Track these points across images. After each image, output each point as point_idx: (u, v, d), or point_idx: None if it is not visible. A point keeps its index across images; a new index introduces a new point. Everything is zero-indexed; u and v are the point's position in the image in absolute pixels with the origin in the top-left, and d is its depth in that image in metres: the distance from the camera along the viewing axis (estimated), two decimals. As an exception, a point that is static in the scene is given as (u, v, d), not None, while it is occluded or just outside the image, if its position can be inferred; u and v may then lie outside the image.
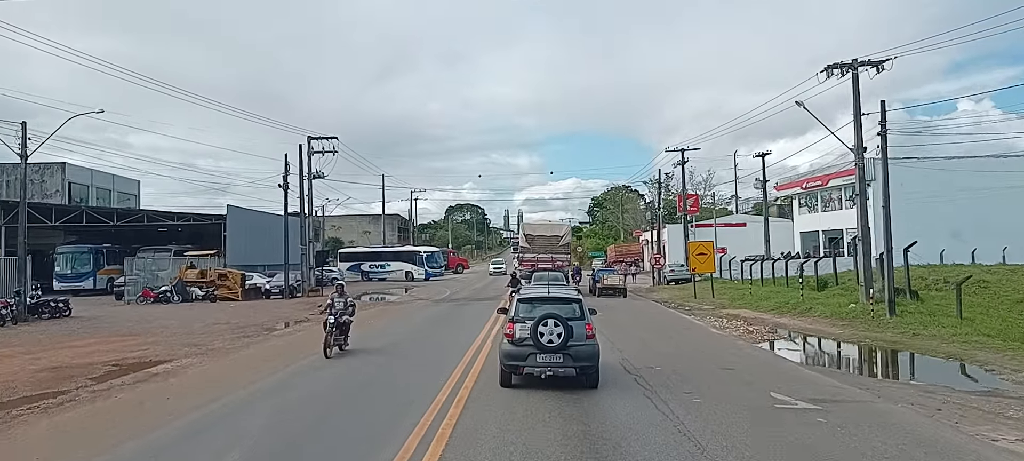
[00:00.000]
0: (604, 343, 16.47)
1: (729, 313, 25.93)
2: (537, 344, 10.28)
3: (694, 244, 32.64)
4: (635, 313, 26.51)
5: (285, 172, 38.85)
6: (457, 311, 28.18)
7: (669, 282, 46.15)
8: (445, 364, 13.53)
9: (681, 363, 13.82)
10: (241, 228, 47.39)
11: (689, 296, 34.51)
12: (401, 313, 28.57)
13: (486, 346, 16.14)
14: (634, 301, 33.60)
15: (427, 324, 23.37)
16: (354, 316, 16.52)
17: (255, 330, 22.84)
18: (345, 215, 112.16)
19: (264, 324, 24.81)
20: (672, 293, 37.94)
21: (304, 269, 40.23)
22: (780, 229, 66.23)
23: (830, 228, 54.12)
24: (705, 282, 35.85)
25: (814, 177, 54.81)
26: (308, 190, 40.71)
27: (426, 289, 46.19)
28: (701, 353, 15.75)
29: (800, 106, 23.95)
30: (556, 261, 37.53)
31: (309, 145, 40.51)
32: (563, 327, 10.27)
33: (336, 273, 60.90)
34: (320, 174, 40.73)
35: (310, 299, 38.49)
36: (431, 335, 19.94)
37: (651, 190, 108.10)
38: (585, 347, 10.53)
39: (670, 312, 27.48)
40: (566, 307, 11.01)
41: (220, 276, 38.86)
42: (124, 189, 62.21)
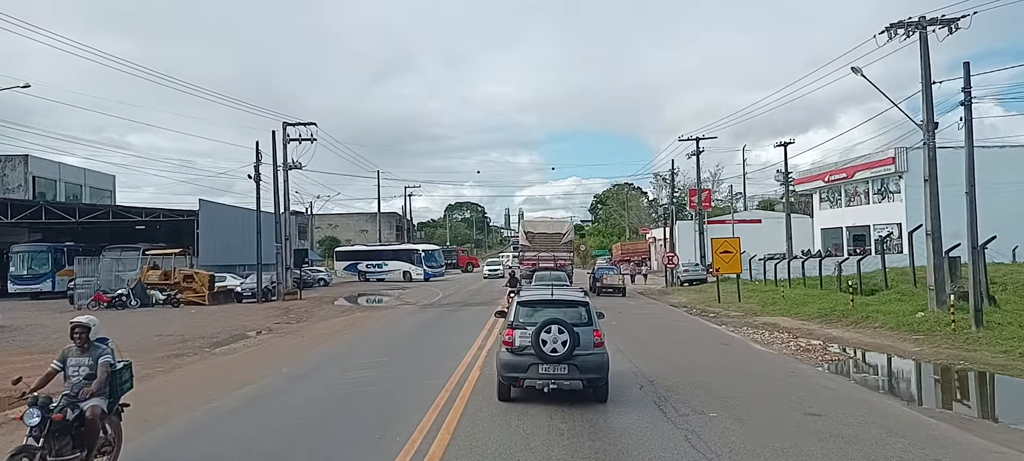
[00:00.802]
0: (621, 362, 12.69)
1: (765, 322, 21.95)
2: (539, 353, 9.15)
3: (718, 241, 28.68)
4: (653, 321, 22.54)
5: (256, 161, 34.92)
6: (441, 321, 24.21)
7: (683, 283, 42.16)
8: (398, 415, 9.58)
9: (737, 403, 9.83)
10: (216, 225, 43.47)
11: (711, 300, 30.53)
12: (380, 321, 24.61)
13: (473, 375, 12.18)
14: (649, 305, 29.64)
15: (396, 343, 19.36)
16: (111, 395, 6.79)
17: (201, 345, 18.94)
18: (342, 213, 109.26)
19: (216, 336, 20.91)
20: (690, 296, 33.94)
21: (279, 270, 36.26)
22: (797, 226, 62.21)
23: (855, 224, 50.08)
24: (729, 283, 31.84)
25: (838, 169, 50.82)
26: (283, 181, 36.77)
27: (418, 291, 42.24)
28: (759, 385, 11.77)
29: (857, 73, 19.94)
30: (558, 260, 35.96)
31: (284, 132, 36.56)
32: (568, 334, 9.13)
33: (324, 273, 57.37)
34: (296, 164, 36.78)
35: (286, 303, 34.57)
36: (394, 361, 15.95)
37: (656, 187, 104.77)
38: (593, 356, 9.35)
39: (694, 320, 23.49)
40: (572, 311, 9.80)
41: (186, 278, 34.94)
42: (97, 184, 58.31)
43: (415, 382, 11.74)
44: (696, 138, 44.66)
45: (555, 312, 9.62)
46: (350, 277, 60.71)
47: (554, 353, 9.11)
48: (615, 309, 26.32)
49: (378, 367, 13.67)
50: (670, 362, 13.75)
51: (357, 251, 65.10)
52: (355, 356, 15.50)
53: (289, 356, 16.14)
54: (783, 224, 59.22)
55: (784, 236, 56.95)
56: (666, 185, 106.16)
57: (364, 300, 36.48)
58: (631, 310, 26.47)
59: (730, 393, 10.53)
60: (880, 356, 15.75)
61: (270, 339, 20.21)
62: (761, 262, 42.49)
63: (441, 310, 27.80)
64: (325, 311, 29.47)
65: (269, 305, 33.42)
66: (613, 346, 15.81)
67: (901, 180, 44.53)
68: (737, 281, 29.45)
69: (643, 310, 26.73)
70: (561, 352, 9.09)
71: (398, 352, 15.98)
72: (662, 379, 11.66)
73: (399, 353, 15.81)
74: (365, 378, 12.36)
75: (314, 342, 18.88)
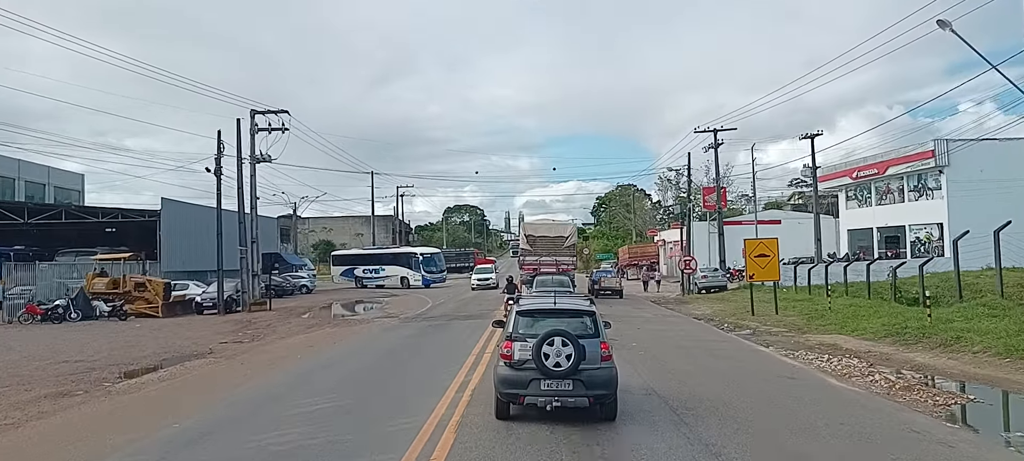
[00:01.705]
0: (660, 414, 8.89)
1: (821, 342, 17.66)
2: (541, 368, 8.25)
3: (752, 243, 24.39)
4: (683, 340, 18.26)
5: (218, 153, 30.66)
6: (422, 341, 19.96)
7: (701, 290, 37.87)
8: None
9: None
10: (181, 227, 39.27)
11: (740, 311, 26.28)
12: (349, 340, 20.31)
13: (446, 439, 7.93)
14: (670, 318, 25.36)
15: (358, 374, 15.06)
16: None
17: (110, 375, 14.76)
18: (337, 216, 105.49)
19: (139, 362, 16.72)
20: (714, 306, 29.65)
21: (243, 276, 31.96)
22: (821, 227, 57.85)
23: (888, 225, 45.80)
24: (762, 291, 27.58)
25: (868, 164, 46.58)
26: (250, 176, 32.55)
27: (407, 301, 37.99)
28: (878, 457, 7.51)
29: (944, 27, 15.67)
30: (560, 264, 34.73)
31: (252, 120, 32.30)
32: (573, 347, 8.22)
33: (307, 279, 53.03)
34: (265, 157, 32.52)
35: (251, 315, 30.32)
36: (345, 406, 11.64)
37: (660, 188, 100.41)
38: (600, 371, 8.45)
39: (732, 339, 19.18)
40: (576, 322, 8.84)
41: (137, 286, 30.69)
42: (63, 183, 54.13)
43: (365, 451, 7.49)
44: (714, 129, 40.45)
45: (558, 322, 8.77)
46: (346, 283, 56.49)
47: (557, 368, 8.31)
48: (631, 323, 22.11)
49: (318, 419, 9.41)
50: (730, 414, 9.44)
51: (353, 255, 60.77)
52: (296, 396, 11.25)
53: (207, 395, 11.93)
54: (804, 225, 55.11)
55: (806, 238, 52.89)
56: (672, 186, 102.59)
57: (341, 311, 32.20)
58: (651, 325, 22.19)
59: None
60: (1016, 397, 11.44)
61: (202, 366, 15.93)
62: (788, 267, 38.27)
63: (424, 325, 23.51)
64: (290, 326, 25.20)
65: (230, 318, 29.15)
66: (641, 380, 11.57)
67: (942, 175, 40.27)
68: (774, 290, 25.13)
69: (665, 325, 22.44)
70: (565, 367, 8.30)
71: (356, 389, 11.72)
72: (729, 449, 7.39)
73: (357, 391, 11.56)
74: (290, 443, 8.13)
75: (255, 371, 14.64)
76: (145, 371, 15.29)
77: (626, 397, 9.58)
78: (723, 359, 14.93)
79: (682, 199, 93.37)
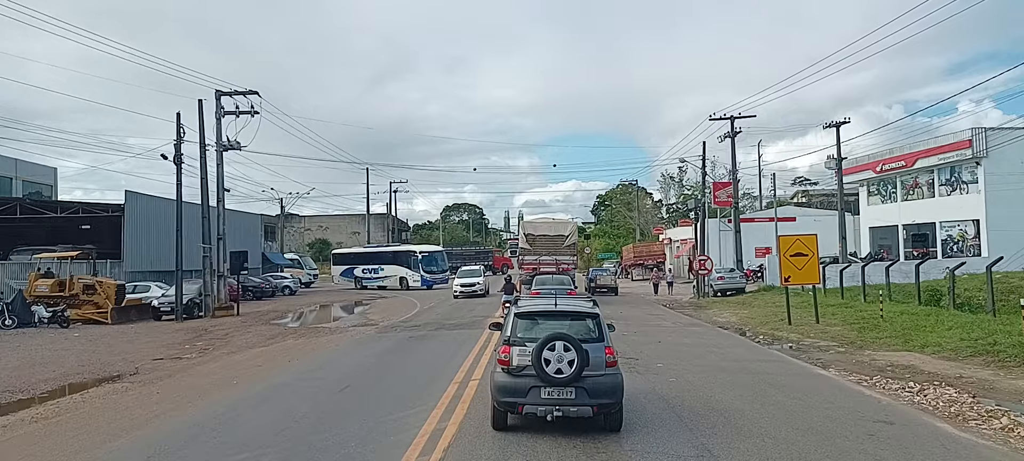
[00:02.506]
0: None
1: (891, 362, 14.18)
2: (541, 374, 7.69)
3: (787, 240, 20.81)
4: (717, 361, 14.76)
5: (178, 138, 27.13)
6: (396, 360, 16.48)
7: (717, 293, 34.35)
8: None
9: None
10: (148, 222, 35.75)
11: (771, 318, 22.82)
12: (309, 356, 16.78)
13: None
14: (693, 328, 21.83)
15: (304, 412, 11.51)
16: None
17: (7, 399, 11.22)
18: (335, 214, 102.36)
19: (39, 386, 13.22)
20: (737, 312, 26.14)
21: (206, 277, 28.39)
22: (833, 224, 54.34)
23: (915, 221, 42.30)
24: (798, 296, 24.09)
25: (894, 157, 43.04)
26: (216, 164, 29.00)
27: (393, 305, 34.50)
28: None
29: None
30: (560, 264, 34.07)
31: (218, 103, 28.74)
32: (576, 352, 7.65)
33: (290, 280, 49.53)
34: (234, 144, 28.98)
35: (215, 320, 26.85)
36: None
37: (663, 186, 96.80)
38: (605, 378, 7.87)
39: (779, 358, 15.63)
40: (579, 324, 8.34)
41: (86, 288, 27.16)
42: (34, 177, 50.51)
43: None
44: (730, 117, 36.90)
45: (559, 325, 8.18)
46: (346, 284, 53.06)
47: (559, 374, 7.64)
48: (650, 333, 18.66)
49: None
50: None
51: (353, 254, 56.93)
52: (196, 456, 7.75)
53: (64, 450, 8.41)
54: (821, 223, 51.67)
55: (823, 236, 49.61)
56: (675, 183, 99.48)
57: (315, 318, 28.71)
58: (675, 337, 18.66)
59: None
60: None
61: (102, 397, 12.39)
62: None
63: (404, 337, 19.97)
64: (249, 336, 21.68)
65: (188, 325, 25.61)
66: (686, 431, 8.13)
67: (979, 168, 36.78)
68: (813, 295, 21.56)
69: (691, 337, 18.89)
70: (567, 373, 7.63)
71: (290, 441, 8.18)
72: None
73: (289, 444, 8.02)
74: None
75: (166, 407, 11.13)
76: (21, 405, 11.77)
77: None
78: (782, 390, 11.40)
79: (686, 195, 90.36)
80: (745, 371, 13.19)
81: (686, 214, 77.43)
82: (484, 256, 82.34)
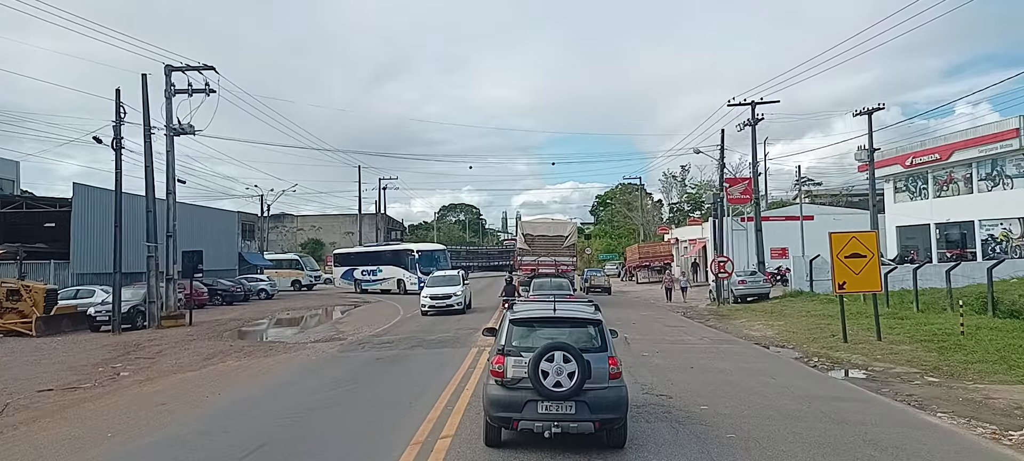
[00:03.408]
0: None
1: (1016, 403, 10.40)
2: (539, 387, 7.09)
3: (840, 237, 16.96)
4: (773, 394, 10.99)
5: (117, 119, 23.28)
6: (348, 399, 12.70)
7: (737, 299, 30.55)
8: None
9: None
10: (100, 219, 31.89)
11: (814, 331, 19.10)
12: (235, 387, 12.95)
13: None
14: (729, 347, 18.01)
15: None
16: None
17: None
18: (326, 214, 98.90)
19: None
20: (770, 323, 22.33)
21: (150, 281, 24.48)
22: (861, 224, 50.56)
23: (949, 220, 38.59)
24: (832, 304, 20.25)
25: (926, 150, 39.33)
26: (166, 150, 25.12)
27: (375, 313, 30.71)
28: None
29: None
30: (560, 265, 33.28)
31: (168, 79, 24.87)
32: (576, 363, 7.07)
33: (266, 284, 45.63)
34: (187, 128, 25.13)
35: (161, 332, 23.01)
36: None
37: (664, 186, 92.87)
38: (608, 391, 7.25)
39: (857, 392, 11.81)
40: (580, 332, 7.69)
41: (10, 294, 23.34)
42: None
43: None
44: (751, 103, 33.13)
45: (558, 333, 7.61)
46: (346, 287, 48.94)
47: (558, 388, 7.08)
48: (677, 355, 14.88)
49: None
50: None
51: (354, 254, 51.99)
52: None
53: None
54: (841, 222, 47.83)
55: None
56: (677, 182, 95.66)
57: (276, 330, 24.91)
58: (710, 361, 14.85)
59: None
60: None
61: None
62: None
63: (370, 357, 16.14)
64: (186, 355, 17.83)
65: (125, 338, 21.73)
66: None
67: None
68: (875, 307, 17.64)
69: (730, 361, 15.02)
70: (567, 386, 7.07)
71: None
72: None
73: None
74: None
75: None
76: None
77: None
78: (893, 455, 7.61)
79: (693, 193, 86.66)
80: (825, 417, 9.40)
81: (695, 211, 73.81)
82: (508, 255, 74.56)
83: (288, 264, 56.36)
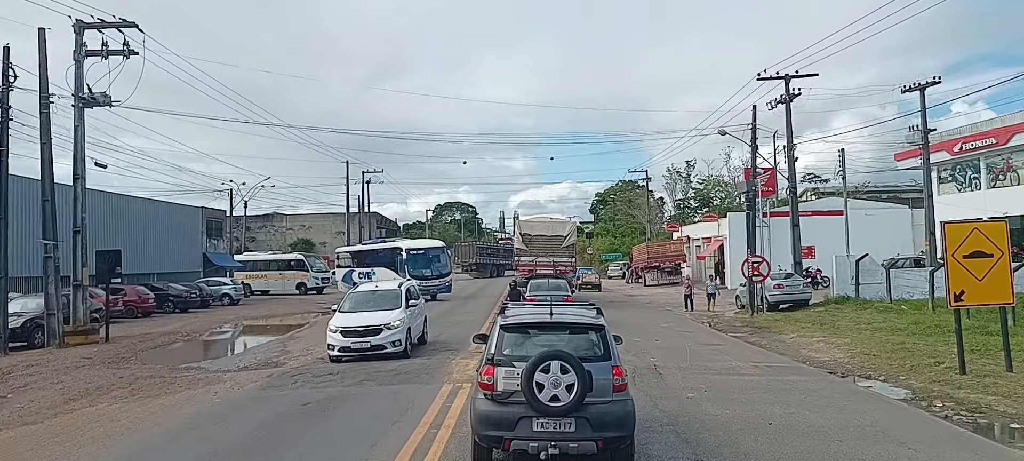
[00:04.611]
0: None
1: None
2: (533, 402, 6.22)
3: (957, 229, 12.19)
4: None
5: (4, 83, 18.41)
6: None
7: (771, 306, 25.77)
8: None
9: None
10: (15, 213, 26.97)
11: (902, 355, 14.45)
12: (88, 456, 8.19)
13: None
14: (786, 371, 13.20)
15: None
16: None
17: None
18: (316, 213, 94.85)
19: None
20: (829, 339, 17.52)
21: (49, 288, 19.52)
22: (893, 219, 46.02)
23: (1009, 213, 33.75)
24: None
25: (978, 134, 34.51)
26: (74, 125, 20.28)
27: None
28: None
29: None
30: (558, 265, 32.71)
31: (78, 38, 20.05)
32: (576, 373, 6.20)
33: (230, 288, 40.68)
34: (98, 98, 20.30)
35: (59, 352, 18.20)
36: None
37: (668, 183, 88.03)
38: (612, 406, 6.40)
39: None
40: (580, 339, 6.91)
41: None
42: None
43: None
44: (785, 76, 28.38)
45: (556, 340, 6.82)
46: (346, 288, 43.16)
47: (555, 402, 6.22)
48: (726, 391, 10.07)
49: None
50: None
51: (349, 254, 44.91)
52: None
53: None
54: (874, 218, 43.29)
55: (880, 232, 41.23)
56: (682, 179, 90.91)
57: (203, 348, 20.13)
58: (782, 406, 10.05)
59: None
60: None
61: None
62: (887, 270, 26.46)
63: (297, 402, 11.26)
64: (56, 390, 13.02)
65: (10, 360, 16.90)
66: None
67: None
68: (1003, 324, 12.74)
69: (814, 408, 10.07)
70: (565, 401, 6.18)
71: None
72: None
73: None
74: None
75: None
76: None
77: None
78: None
79: (699, 191, 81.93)
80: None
81: (702, 208, 69.02)
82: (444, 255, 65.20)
83: (293, 264, 49.66)
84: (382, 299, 16.63)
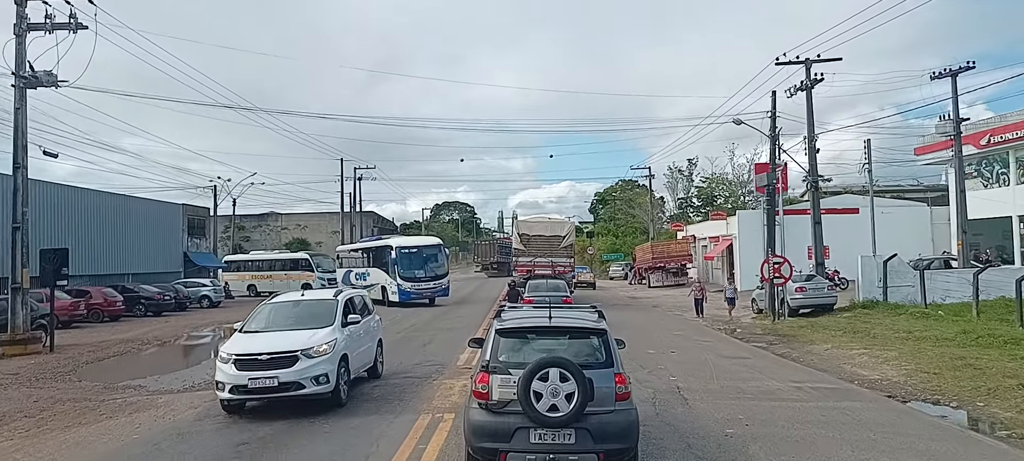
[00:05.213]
0: None
1: None
2: (531, 412, 5.86)
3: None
4: None
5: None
6: None
7: (793, 311, 23.48)
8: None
9: None
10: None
11: (971, 374, 12.17)
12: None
13: None
14: (839, 405, 10.93)
15: None
16: None
17: None
18: (312, 212, 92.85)
19: None
20: (873, 353, 15.24)
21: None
22: (914, 217, 43.74)
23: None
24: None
25: (1007, 126, 32.28)
26: (15, 106, 17.98)
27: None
28: None
29: None
30: (557, 266, 31.93)
31: (20, 9, 17.74)
32: (576, 381, 5.84)
33: (210, 289, 38.43)
34: (41, 77, 17.99)
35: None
36: None
37: (669, 182, 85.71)
38: (615, 416, 6.04)
39: None
40: (581, 345, 6.53)
41: None
42: None
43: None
44: (806, 61, 26.07)
45: (555, 346, 6.45)
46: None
47: (554, 412, 5.84)
48: (769, 425, 7.72)
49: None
50: None
51: (347, 254, 42.28)
52: None
53: None
54: (892, 216, 41.01)
55: (901, 232, 38.92)
56: (683, 177, 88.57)
57: (157, 362, 17.80)
58: (849, 450, 7.76)
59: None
60: None
61: None
62: (914, 272, 24.17)
63: (231, 445, 8.96)
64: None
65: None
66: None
67: None
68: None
69: (895, 455, 8.01)
70: (565, 411, 5.83)
71: None
72: None
73: None
74: None
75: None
76: None
77: None
78: None
79: (702, 189, 79.54)
80: None
81: (706, 207, 66.76)
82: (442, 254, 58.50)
83: (297, 264, 46.28)
84: (306, 314, 11.46)
